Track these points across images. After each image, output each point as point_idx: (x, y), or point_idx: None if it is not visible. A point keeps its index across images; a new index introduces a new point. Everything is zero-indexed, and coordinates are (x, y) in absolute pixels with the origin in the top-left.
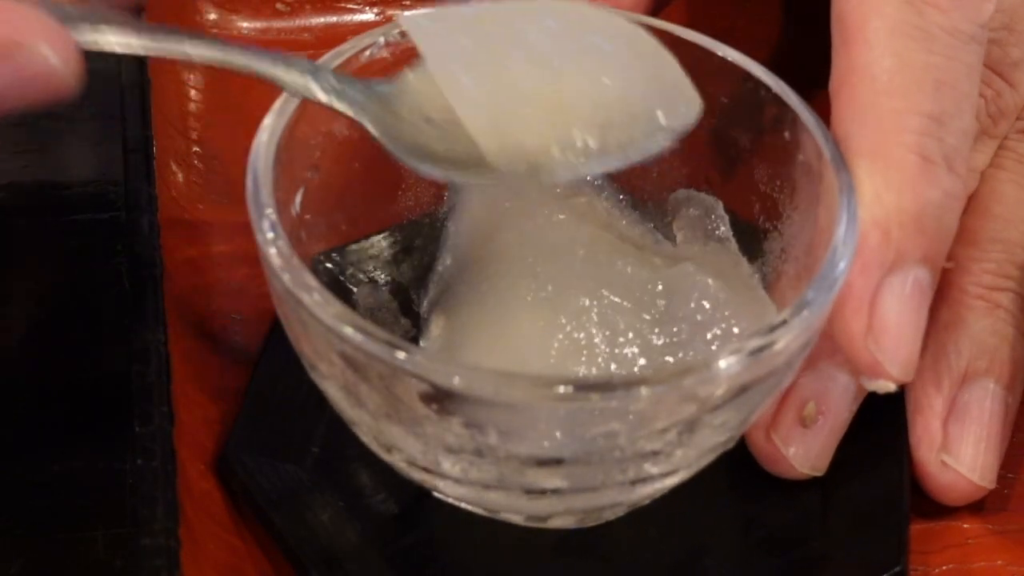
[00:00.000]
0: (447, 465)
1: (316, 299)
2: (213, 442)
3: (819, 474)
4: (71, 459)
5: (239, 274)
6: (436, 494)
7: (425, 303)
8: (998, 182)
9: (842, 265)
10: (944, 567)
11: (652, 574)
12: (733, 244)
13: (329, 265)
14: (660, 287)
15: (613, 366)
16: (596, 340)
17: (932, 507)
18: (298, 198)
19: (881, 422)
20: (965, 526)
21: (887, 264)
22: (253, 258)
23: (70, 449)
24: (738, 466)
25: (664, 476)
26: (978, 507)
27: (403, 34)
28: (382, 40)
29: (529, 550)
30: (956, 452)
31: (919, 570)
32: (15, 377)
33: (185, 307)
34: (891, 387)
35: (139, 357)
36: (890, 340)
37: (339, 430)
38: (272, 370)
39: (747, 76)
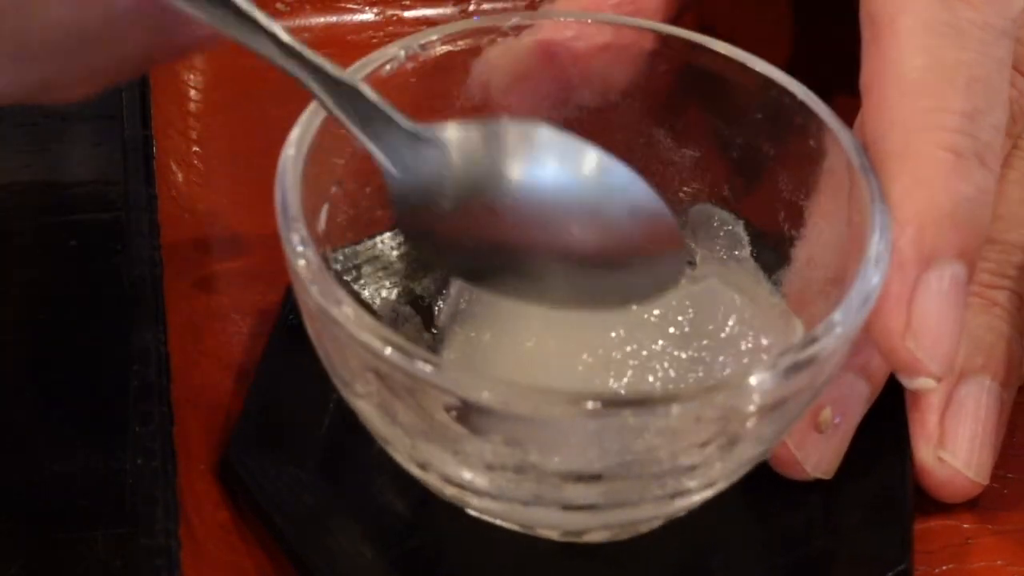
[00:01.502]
0: (483, 482)
1: (348, 313)
2: (213, 442)
3: (828, 478)
4: (71, 459)
5: (239, 274)
6: (470, 511)
7: (443, 318)
8: (1005, 182)
9: (876, 279)
10: (944, 567)
11: (656, 573)
12: (752, 263)
13: (349, 280)
14: (686, 302)
15: (642, 380)
16: (622, 356)
17: (932, 506)
18: (323, 214)
19: (884, 420)
20: (965, 526)
21: (923, 261)
22: (253, 258)
23: (70, 449)
24: None
25: (702, 489)
26: (978, 507)
27: (423, 46)
28: (403, 54)
29: (533, 552)
30: (952, 448)
31: (920, 570)
32: (15, 377)
33: (185, 307)
34: (931, 384)
35: (139, 357)
36: (930, 337)
37: (342, 432)
38: (274, 372)
39: (771, 83)
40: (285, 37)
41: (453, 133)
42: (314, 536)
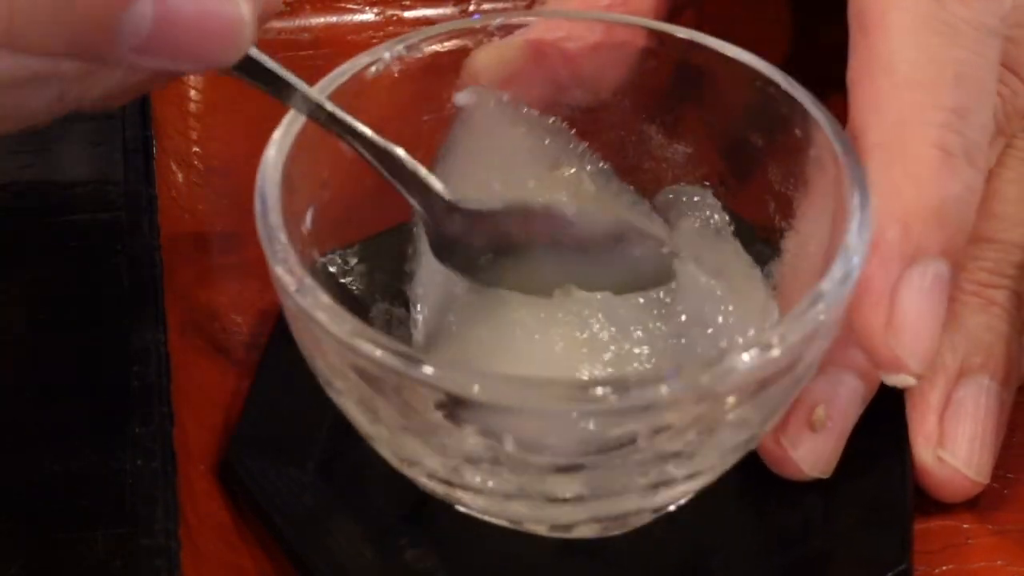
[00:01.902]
0: (468, 476)
1: (329, 316)
2: (213, 442)
3: (825, 477)
4: (71, 459)
5: (239, 274)
6: (459, 507)
7: (421, 309)
8: (1001, 181)
9: (855, 259)
10: (944, 567)
11: (655, 572)
12: (728, 231)
13: (342, 279)
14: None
15: (621, 363)
16: (602, 337)
17: (932, 507)
18: (309, 215)
19: (884, 420)
20: (965, 526)
21: (907, 258)
22: (252, 258)
23: (70, 449)
24: (742, 466)
25: (687, 479)
26: (978, 507)
27: (409, 48)
28: (388, 56)
29: (533, 551)
30: (952, 448)
31: (920, 570)
32: (15, 377)
33: (185, 307)
34: (911, 381)
35: (139, 357)
36: (910, 334)
37: (342, 432)
38: (274, 373)
39: (757, 75)
40: (331, 107)
41: (478, 205)
42: (314, 536)
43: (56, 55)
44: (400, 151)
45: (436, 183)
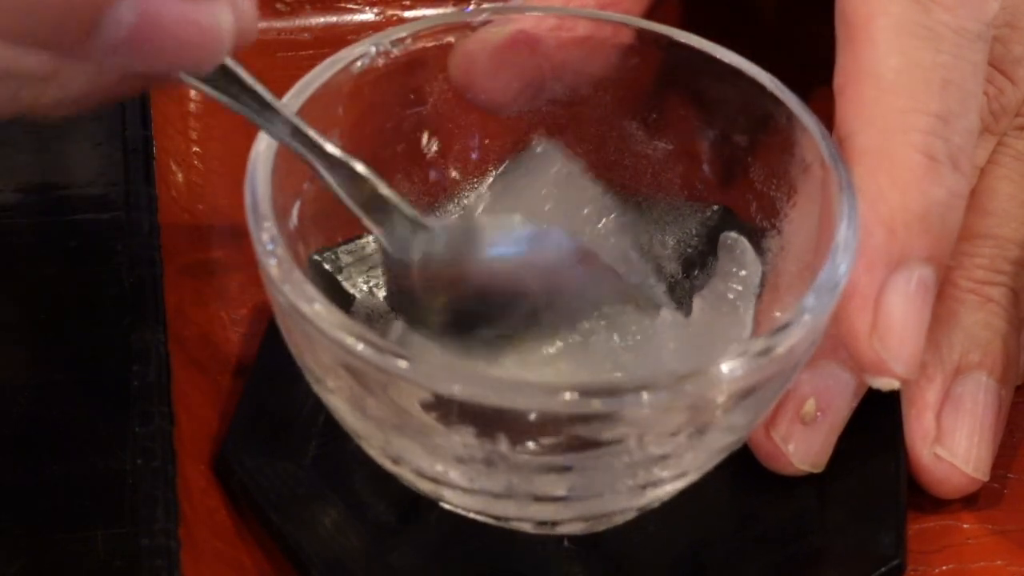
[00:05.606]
0: (455, 475)
1: (318, 310)
2: (213, 442)
3: (818, 471)
4: (71, 459)
5: (239, 274)
6: (443, 504)
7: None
8: (994, 178)
9: (843, 267)
10: (944, 567)
11: (651, 570)
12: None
13: (341, 280)
14: (644, 327)
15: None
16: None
17: (931, 507)
18: (295, 210)
19: (878, 416)
20: (964, 526)
21: (892, 263)
22: (252, 259)
23: (70, 449)
24: (736, 462)
25: (674, 479)
26: (978, 507)
27: (394, 43)
28: (374, 50)
29: (529, 547)
30: (949, 445)
31: (919, 570)
32: (15, 377)
33: (185, 307)
34: (895, 384)
35: (139, 357)
36: (895, 339)
37: (337, 428)
38: (269, 369)
39: (742, 76)
40: (299, 123)
41: (442, 223)
42: (312, 534)
43: (27, 44)
44: (369, 171)
45: (406, 206)
